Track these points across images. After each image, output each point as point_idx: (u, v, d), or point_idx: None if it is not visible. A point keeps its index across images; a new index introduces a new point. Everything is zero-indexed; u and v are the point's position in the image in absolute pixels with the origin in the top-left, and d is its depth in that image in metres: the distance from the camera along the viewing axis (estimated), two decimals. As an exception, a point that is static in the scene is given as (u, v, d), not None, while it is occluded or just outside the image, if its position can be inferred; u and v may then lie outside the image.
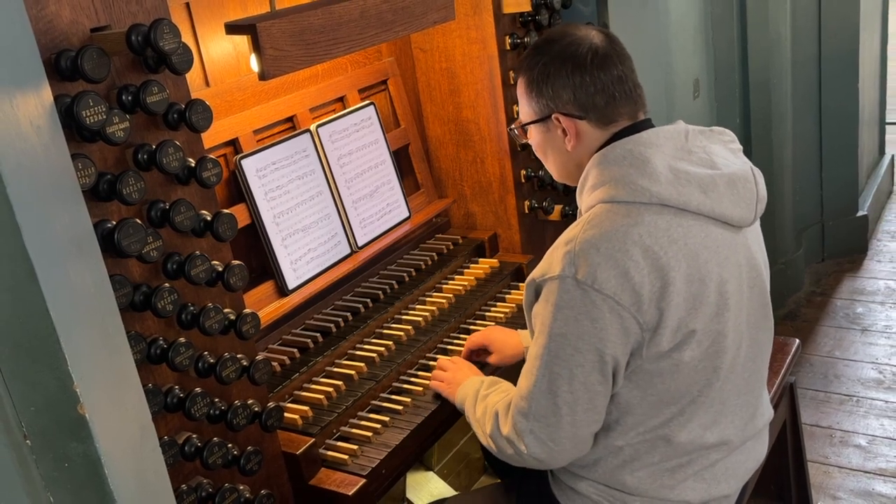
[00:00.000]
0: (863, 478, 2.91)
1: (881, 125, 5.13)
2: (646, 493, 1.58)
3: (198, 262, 1.43)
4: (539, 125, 1.63)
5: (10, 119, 0.97)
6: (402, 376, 1.99)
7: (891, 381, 3.41)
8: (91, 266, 1.08)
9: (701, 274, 1.46)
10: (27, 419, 1.08)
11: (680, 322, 1.46)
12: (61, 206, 1.04)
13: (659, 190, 1.46)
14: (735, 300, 1.52)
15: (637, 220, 1.45)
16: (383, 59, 2.42)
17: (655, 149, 1.51)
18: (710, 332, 1.49)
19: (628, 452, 1.57)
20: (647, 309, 1.43)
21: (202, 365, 1.47)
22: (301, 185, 2.09)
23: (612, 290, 1.42)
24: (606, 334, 1.44)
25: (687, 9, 3.10)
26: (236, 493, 1.52)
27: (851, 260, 4.45)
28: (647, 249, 1.43)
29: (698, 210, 1.47)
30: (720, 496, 1.63)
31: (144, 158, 1.37)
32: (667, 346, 1.47)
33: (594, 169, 1.54)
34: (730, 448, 1.62)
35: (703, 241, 1.48)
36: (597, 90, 1.54)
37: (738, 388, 1.60)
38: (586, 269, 1.43)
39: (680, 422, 1.54)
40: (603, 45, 1.56)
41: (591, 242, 1.44)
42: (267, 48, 1.61)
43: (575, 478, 1.64)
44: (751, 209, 1.54)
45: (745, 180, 1.54)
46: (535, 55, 1.60)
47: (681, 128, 1.58)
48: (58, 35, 1.26)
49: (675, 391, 1.52)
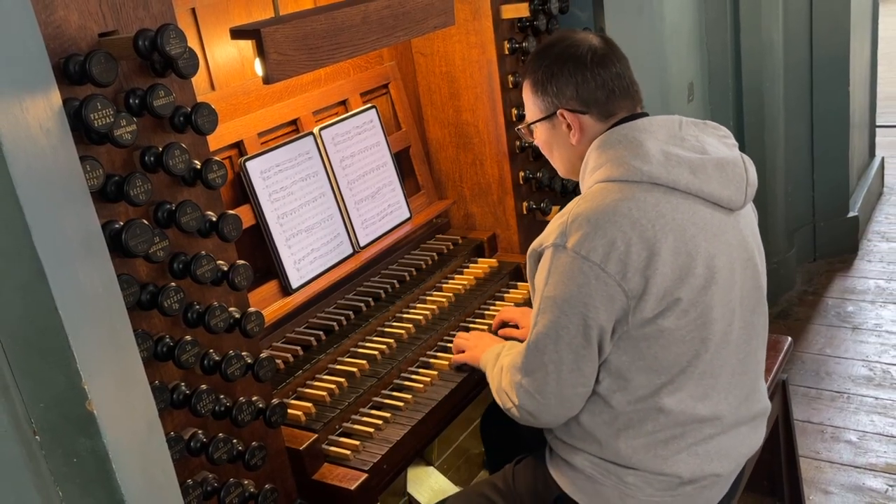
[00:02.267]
0: (853, 472, 2.91)
1: (871, 128, 5.13)
2: (639, 463, 1.60)
3: (203, 262, 1.43)
4: (545, 123, 1.71)
5: (19, 122, 0.97)
6: (404, 373, 1.99)
7: (881, 378, 3.41)
8: (99, 266, 1.08)
9: (688, 248, 1.51)
10: (37, 415, 1.08)
11: (665, 291, 1.50)
12: (70, 207, 1.04)
13: (650, 169, 1.52)
14: (724, 276, 1.56)
15: (627, 195, 1.51)
16: (385, 64, 2.42)
17: (649, 134, 1.58)
18: (697, 303, 1.53)
19: (623, 421, 1.59)
20: (632, 277, 1.48)
21: (208, 362, 1.47)
22: (304, 186, 2.09)
23: (598, 259, 1.48)
24: (591, 300, 1.50)
25: (682, 14, 3.10)
26: (241, 487, 1.52)
27: (842, 260, 4.45)
28: (636, 222, 1.49)
29: (687, 189, 1.53)
30: (711, 474, 1.64)
31: (151, 160, 1.37)
32: (650, 313, 1.51)
33: (593, 152, 1.62)
34: (723, 425, 1.63)
35: (691, 217, 1.53)
36: (597, 86, 1.62)
37: (732, 367, 1.62)
38: (576, 238, 1.50)
39: (670, 390, 1.57)
40: (601, 46, 1.65)
41: (583, 215, 1.51)
42: (271, 53, 1.61)
43: (571, 451, 1.66)
44: (740, 191, 1.59)
45: (734, 164, 1.59)
46: (538, 59, 1.69)
47: (675, 118, 1.65)
48: (66, 40, 1.26)
49: (663, 359, 1.55)
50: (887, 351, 3.59)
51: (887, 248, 4.54)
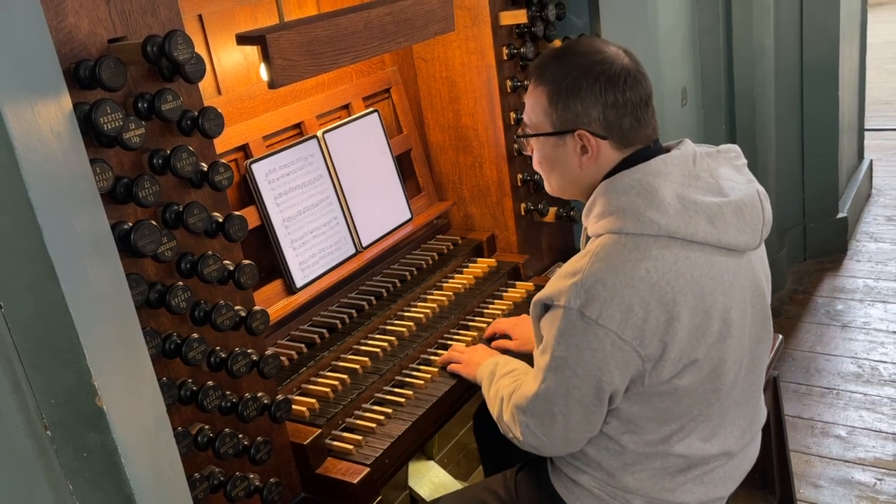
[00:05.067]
0: (843, 467, 2.91)
1: (860, 131, 5.12)
2: (646, 493, 1.56)
3: (210, 262, 1.43)
4: (554, 138, 1.50)
5: (31, 126, 0.97)
6: (405, 370, 1.99)
7: (869, 375, 3.41)
8: (108, 265, 1.08)
9: (706, 305, 1.41)
10: (48, 411, 1.08)
11: (682, 352, 1.41)
12: (80, 209, 1.04)
13: (667, 222, 1.38)
14: (738, 326, 1.47)
15: (645, 254, 1.38)
16: (386, 69, 2.42)
17: (664, 178, 1.43)
18: (712, 358, 1.45)
19: (630, 457, 1.54)
20: (650, 342, 1.39)
21: (214, 359, 1.47)
22: (308, 188, 2.09)
23: (615, 325, 1.37)
24: (606, 364, 1.40)
25: (676, 21, 3.10)
26: (246, 481, 1.52)
27: (832, 259, 4.45)
28: (654, 285, 1.37)
29: (705, 240, 1.41)
30: (717, 498, 1.61)
31: (159, 163, 1.37)
32: (668, 375, 1.43)
33: (602, 197, 1.46)
34: (730, 457, 1.60)
35: (709, 272, 1.41)
36: (626, 112, 1.44)
37: (738, 400, 1.57)
38: (592, 303, 1.37)
39: (679, 437, 1.52)
40: (633, 67, 1.46)
41: (597, 276, 1.38)
42: (276, 58, 1.61)
43: (577, 471, 1.61)
44: (756, 234, 1.48)
45: (751, 206, 1.47)
46: (563, 66, 1.46)
47: (689, 151, 1.49)
48: (77, 46, 1.26)
49: (675, 411, 1.49)
50: (875, 348, 3.59)
51: (875, 248, 4.54)
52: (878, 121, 6.43)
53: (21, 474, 1.09)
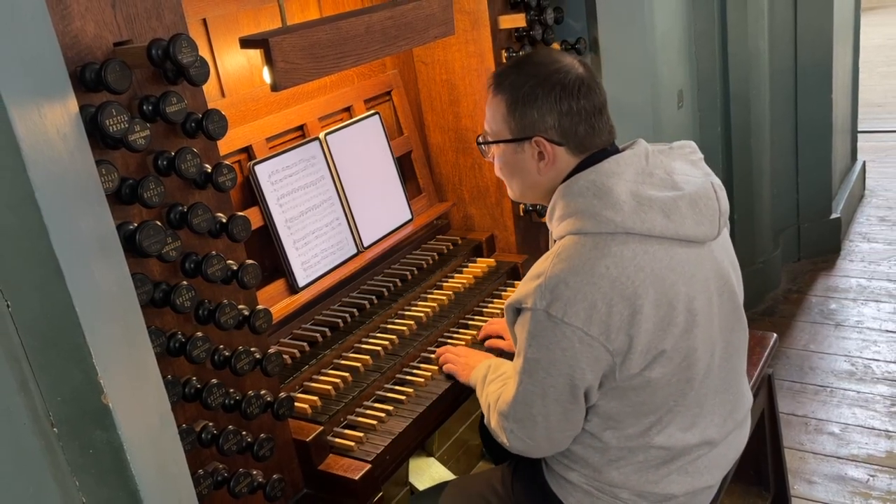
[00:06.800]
0: (836, 463, 2.91)
1: (853, 133, 5.13)
2: (632, 486, 1.58)
3: (214, 262, 1.43)
4: (512, 145, 1.55)
5: (38, 128, 0.97)
6: (406, 368, 1.99)
7: (862, 373, 3.41)
8: (114, 265, 1.08)
9: (669, 297, 1.43)
10: (54, 409, 1.08)
11: (649, 344, 1.43)
12: (86, 209, 1.04)
13: (623, 219, 1.41)
14: (704, 315, 1.48)
15: (604, 251, 1.41)
16: (387, 72, 2.42)
17: (617, 177, 1.45)
18: (680, 349, 1.47)
19: (613, 453, 1.56)
20: (616, 337, 1.41)
21: (218, 358, 1.47)
22: (310, 188, 2.09)
23: (580, 323, 1.40)
24: (577, 362, 1.43)
25: (672, 24, 3.10)
26: (250, 477, 1.52)
27: (825, 259, 4.45)
28: (615, 281, 1.39)
29: (662, 234, 1.43)
30: (703, 487, 1.62)
31: (164, 164, 1.37)
32: (637, 368, 1.45)
33: (560, 200, 1.49)
34: (713, 445, 1.61)
35: (669, 263, 1.43)
36: (580, 119, 1.48)
37: (715, 389, 1.58)
38: (556, 302, 1.40)
39: (658, 429, 1.53)
40: (587, 77, 1.50)
41: (560, 277, 1.41)
42: (279, 61, 1.61)
43: (566, 468, 1.64)
44: (714, 225, 1.49)
45: (706, 198, 1.48)
46: (520, 76, 1.51)
47: (641, 150, 1.52)
48: (83, 49, 1.25)
49: (650, 403, 1.51)
50: (868, 347, 3.59)
51: (868, 248, 4.54)
52: (871, 123, 6.43)
53: (28, 471, 1.09)
